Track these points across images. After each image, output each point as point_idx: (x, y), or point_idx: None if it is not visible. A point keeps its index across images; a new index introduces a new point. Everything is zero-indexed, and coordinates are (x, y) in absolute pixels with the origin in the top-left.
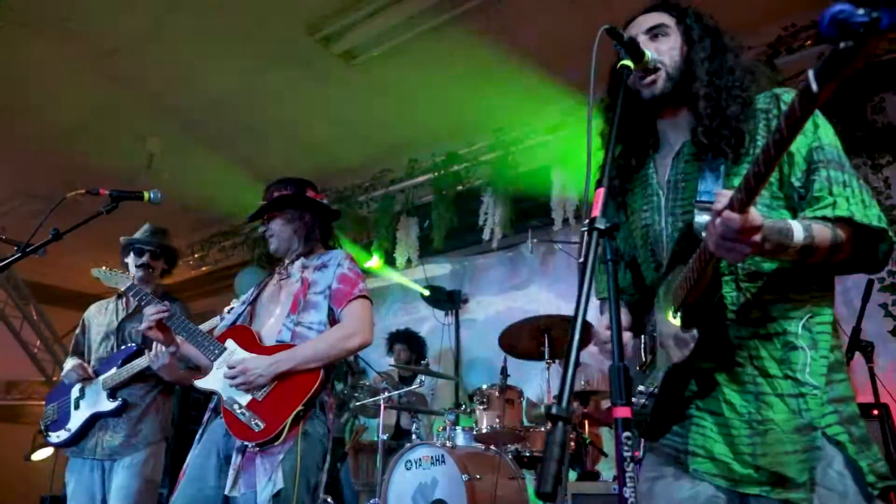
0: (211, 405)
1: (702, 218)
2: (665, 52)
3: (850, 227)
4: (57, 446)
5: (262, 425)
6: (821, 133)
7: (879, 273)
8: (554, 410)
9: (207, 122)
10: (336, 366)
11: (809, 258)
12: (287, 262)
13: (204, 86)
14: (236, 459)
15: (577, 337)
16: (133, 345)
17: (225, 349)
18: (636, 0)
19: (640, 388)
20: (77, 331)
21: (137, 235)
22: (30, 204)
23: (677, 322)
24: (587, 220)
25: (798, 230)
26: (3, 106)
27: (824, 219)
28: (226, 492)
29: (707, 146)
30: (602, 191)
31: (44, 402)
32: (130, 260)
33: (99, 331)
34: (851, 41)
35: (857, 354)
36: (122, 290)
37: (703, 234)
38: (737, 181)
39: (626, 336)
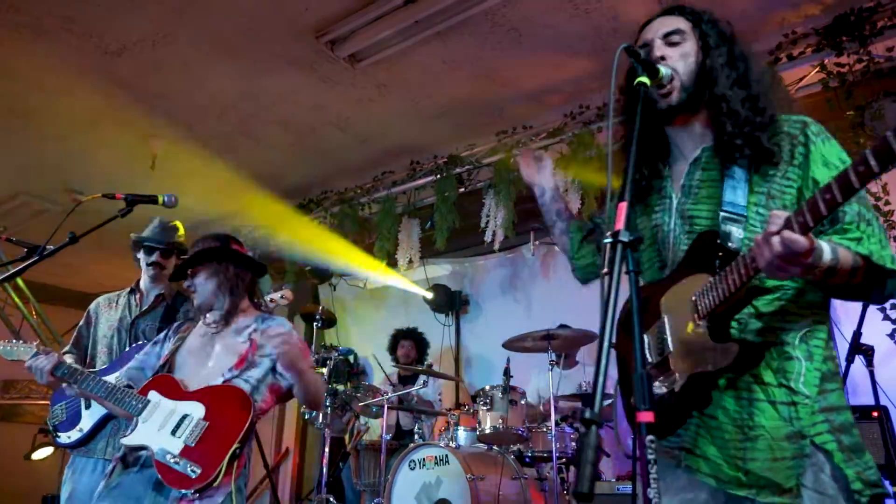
0: (116, 457)
1: (729, 228)
2: (678, 58)
3: (866, 262)
4: (68, 447)
5: (198, 471)
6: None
7: (882, 304)
8: (587, 415)
9: (211, 123)
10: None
11: (831, 279)
12: (214, 317)
13: (208, 88)
14: None
15: (606, 346)
16: (145, 342)
17: (149, 402)
18: (640, 7)
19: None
20: (81, 322)
21: (146, 233)
22: (30, 204)
23: (700, 330)
24: (611, 233)
25: (827, 251)
26: (4, 106)
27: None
28: None
29: (736, 148)
30: (624, 204)
31: (40, 402)
32: (141, 257)
33: (110, 325)
34: None
35: (858, 358)
36: (27, 359)
37: (747, 249)
38: (756, 196)
39: None
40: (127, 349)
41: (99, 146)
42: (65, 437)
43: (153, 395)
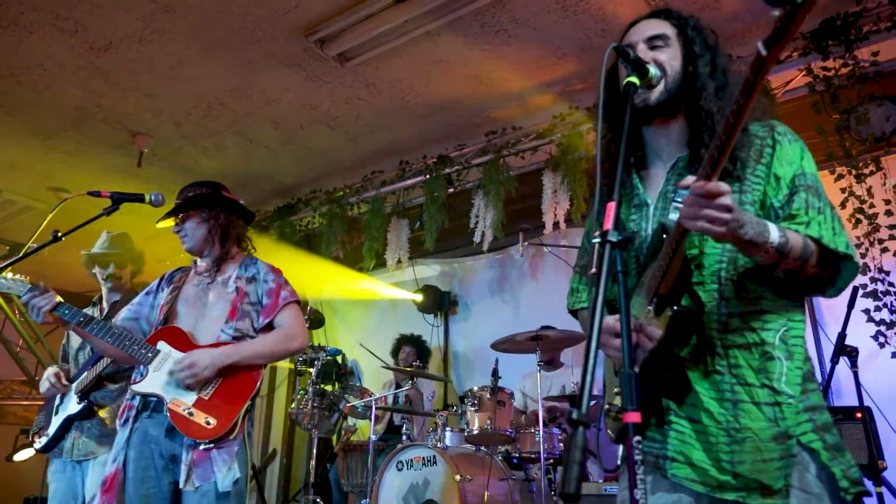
0: (135, 406)
1: (675, 215)
2: (665, 62)
3: (819, 247)
4: (39, 451)
5: (213, 422)
6: (804, 163)
7: (836, 297)
8: (574, 415)
9: (198, 121)
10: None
11: (783, 261)
12: (205, 263)
13: (196, 85)
14: (187, 456)
15: (594, 346)
16: None
17: (158, 351)
18: (628, 8)
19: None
20: (63, 340)
21: (96, 249)
22: (14, 201)
23: (650, 314)
24: (599, 233)
25: (774, 229)
26: None
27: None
28: (180, 486)
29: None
30: (613, 204)
31: (23, 402)
32: (97, 272)
33: (77, 339)
34: (793, 8)
35: (842, 359)
36: (22, 294)
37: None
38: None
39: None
40: (93, 355)
41: (85, 143)
42: (38, 443)
43: (162, 346)
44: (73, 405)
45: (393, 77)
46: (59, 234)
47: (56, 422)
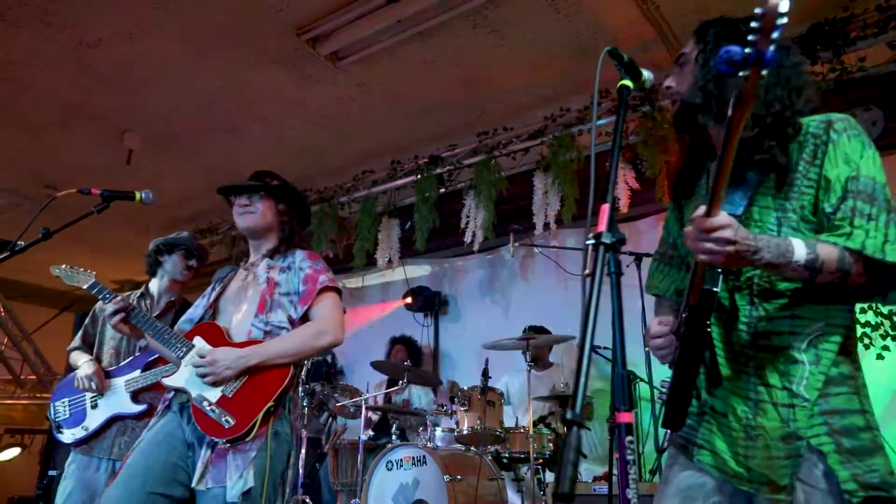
0: (165, 401)
1: None
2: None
3: (863, 257)
4: (70, 444)
5: (231, 422)
6: (862, 164)
7: None
8: (569, 416)
9: (188, 119)
10: (302, 364)
11: (817, 276)
12: (253, 259)
13: (187, 83)
14: (205, 454)
15: (587, 347)
16: None
17: (193, 346)
18: (620, 11)
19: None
20: (87, 321)
21: (185, 236)
22: (2, 198)
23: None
24: (593, 235)
25: (800, 246)
26: None
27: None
28: (192, 485)
29: (743, 161)
30: (607, 206)
31: (6, 401)
32: (173, 260)
33: None
34: (748, 73)
35: None
36: (85, 287)
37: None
38: (765, 199)
39: (665, 340)
40: (138, 353)
41: (73, 140)
42: (69, 435)
43: (198, 341)
44: (124, 403)
45: (385, 77)
46: (50, 232)
47: (98, 417)
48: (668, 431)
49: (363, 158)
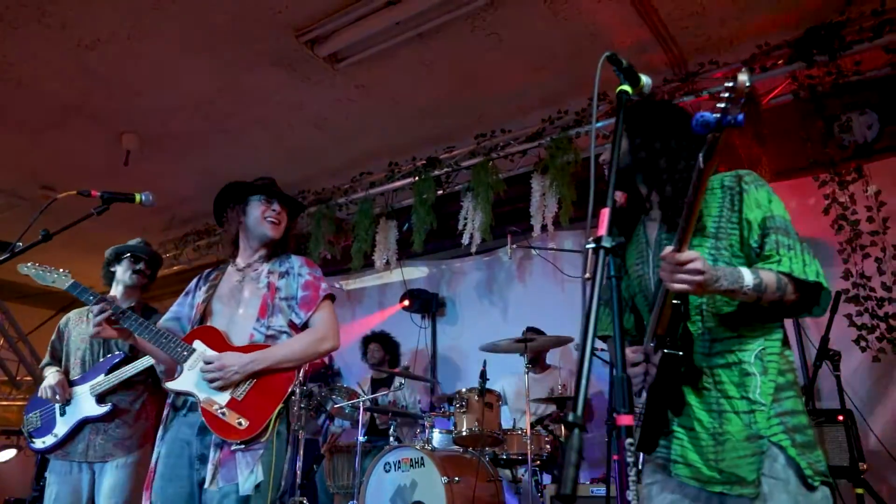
0: (171, 404)
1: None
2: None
3: (792, 279)
4: (42, 451)
5: (245, 423)
6: (773, 206)
7: (822, 316)
8: (570, 418)
9: (186, 120)
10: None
11: (763, 297)
12: (248, 260)
13: (184, 83)
14: (214, 455)
15: (588, 350)
16: (120, 353)
17: (194, 350)
18: (617, 14)
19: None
20: (53, 337)
21: (133, 243)
22: None
23: (653, 351)
24: (593, 239)
25: (747, 273)
26: None
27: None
28: (205, 486)
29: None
30: (607, 210)
31: (2, 402)
32: (123, 267)
33: (82, 338)
34: (718, 133)
35: (825, 363)
36: (64, 288)
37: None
38: (702, 239)
39: (642, 368)
40: (101, 360)
41: (71, 141)
42: (39, 443)
43: (198, 345)
44: (90, 407)
45: (383, 78)
46: (50, 233)
47: (67, 423)
48: (642, 454)
49: (361, 160)
